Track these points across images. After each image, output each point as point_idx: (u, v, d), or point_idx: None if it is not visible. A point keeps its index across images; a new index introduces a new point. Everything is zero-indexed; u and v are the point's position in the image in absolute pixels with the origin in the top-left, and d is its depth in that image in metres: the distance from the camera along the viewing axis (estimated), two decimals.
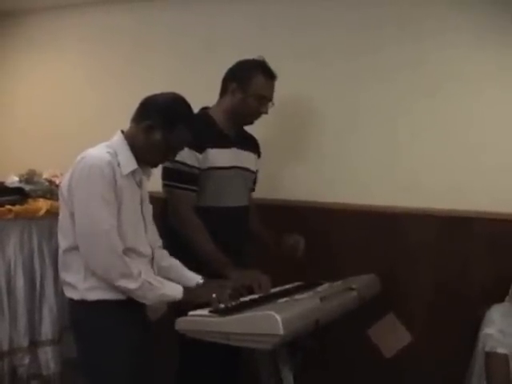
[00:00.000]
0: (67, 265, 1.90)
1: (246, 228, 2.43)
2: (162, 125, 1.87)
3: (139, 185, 1.95)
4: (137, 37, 3.19)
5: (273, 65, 2.33)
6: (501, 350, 2.04)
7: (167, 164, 2.18)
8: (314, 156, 2.77)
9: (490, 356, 2.06)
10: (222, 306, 1.85)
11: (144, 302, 1.85)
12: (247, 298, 1.97)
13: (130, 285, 1.80)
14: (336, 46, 2.70)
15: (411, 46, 2.56)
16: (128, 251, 1.86)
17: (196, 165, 2.22)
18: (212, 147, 2.24)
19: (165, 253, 2.11)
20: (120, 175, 1.84)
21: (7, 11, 3.51)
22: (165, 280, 1.92)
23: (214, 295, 1.87)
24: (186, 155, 2.17)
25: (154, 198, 2.11)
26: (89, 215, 1.80)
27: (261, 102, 2.30)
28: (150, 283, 1.83)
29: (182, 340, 1.83)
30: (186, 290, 1.90)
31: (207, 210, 2.25)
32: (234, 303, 1.88)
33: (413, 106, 2.58)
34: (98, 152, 1.85)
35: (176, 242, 2.15)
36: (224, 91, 2.34)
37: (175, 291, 1.88)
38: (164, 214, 2.24)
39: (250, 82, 2.27)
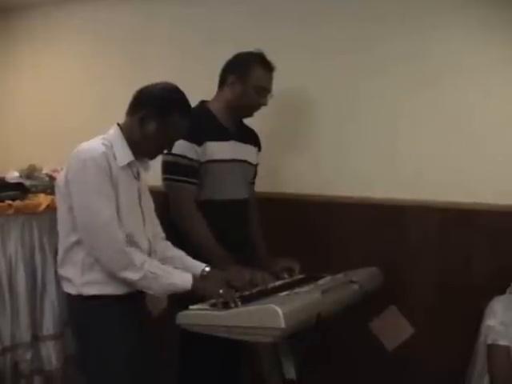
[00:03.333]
0: (66, 259, 1.89)
1: (247, 221, 2.42)
2: (154, 114, 1.86)
3: (137, 177, 1.95)
4: (137, 31, 3.17)
5: (273, 58, 2.32)
6: (503, 342, 2.04)
7: (167, 158, 2.17)
8: (315, 149, 2.76)
9: (491, 348, 2.06)
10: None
11: (150, 292, 1.83)
12: (247, 292, 1.97)
13: (133, 275, 1.79)
14: (336, 39, 2.68)
15: (413, 39, 2.54)
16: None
17: (195, 158, 2.21)
18: (211, 140, 2.24)
19: (168, 244, 2.10)
20: (116, 167, 1.84)
21: (7, 6, 3.51)
22: (173, 269, 1.89)
23: (220, 291, 1.84)
24: (186, 148, 2.17)
25: (153, 192, 2.11)
26: (87, 208, 1.79)
27: (260, 94, 2.30)
28: (153, 273, 1.81)
29: (183, 335, 1.83)
30: (195, 280, 1.86)
31: (206, 204, 2.24)
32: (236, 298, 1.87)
33: (414, 98, 2.56)
34: (93, 144, 1.85)
35: (176, 236, 2.14)
36: (222, 84, 2.33)
37: (184, 281, 1.84)
38: (164, 208, 2.23)
39: (249, 74, 2.26)
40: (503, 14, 2.40)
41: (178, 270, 1.90)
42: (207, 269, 2.02)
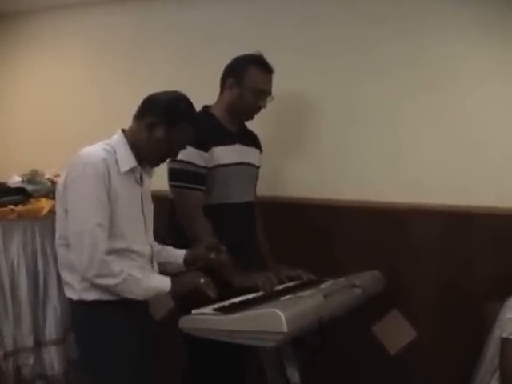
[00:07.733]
0: (65, 263, 1.89)
1: (254, 224, 2.42)
2: (164, 121, 1.87)
3: (139, 183, 1.95)
4: (137, 35, 3.18)
5: (273, 60, 2.32)
6: None
7: (174, 165, 2.18)
8: (316, 153, 2.76)
9: (506, 342, 1.98)
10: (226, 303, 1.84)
11: (131, 296, 1.81)
12: (250, 296, 1.97)
13: (109, 282, 1.78)
14: (336, 41, 2.68)
15: (412, 42, 2.54)
16: (125, 251, 1.85)
17: (203, 164, 2.21)
18: (217, 145, 2.24)
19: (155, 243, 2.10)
20: (117, 173, 1.84)
21: (7, 12, 3.51)
22: (153, 273, 1.91)
23: (202, 280, 1.86)
24: (193, 155, 2.17)
25: (159, 197, 2.11)
26: (78, 213, 1.79)
27: (258, 96, 2.30)
28: (133, 276, 1.80)
29: (188, 338, 1.83)
30: (174, 280, 1.86)
31: (215, 208, 2.24)
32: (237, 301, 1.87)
33: (415, 101, 2.56)
34: (94, 150, 1.85)
35: (181, 242, 2.14)
36: (222, 88, 2.34)
37: (162, 283, 1.85)
38: (171, 212, 2.23)
39: (244, 76, 2.27)
40: (503, 18, 2.40)
41: (157, 274, 1.92)
42: (187, 252, 2.05)
